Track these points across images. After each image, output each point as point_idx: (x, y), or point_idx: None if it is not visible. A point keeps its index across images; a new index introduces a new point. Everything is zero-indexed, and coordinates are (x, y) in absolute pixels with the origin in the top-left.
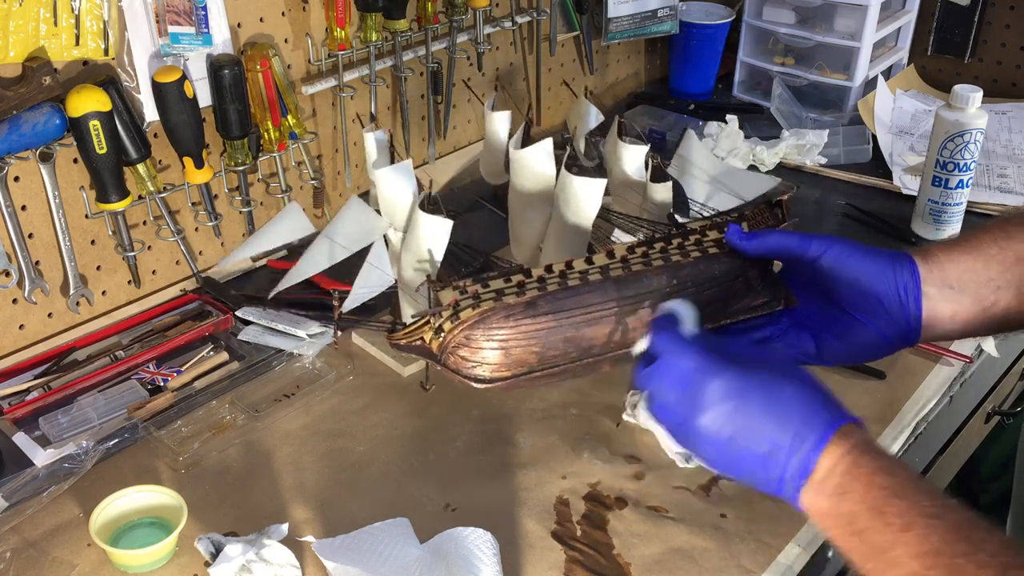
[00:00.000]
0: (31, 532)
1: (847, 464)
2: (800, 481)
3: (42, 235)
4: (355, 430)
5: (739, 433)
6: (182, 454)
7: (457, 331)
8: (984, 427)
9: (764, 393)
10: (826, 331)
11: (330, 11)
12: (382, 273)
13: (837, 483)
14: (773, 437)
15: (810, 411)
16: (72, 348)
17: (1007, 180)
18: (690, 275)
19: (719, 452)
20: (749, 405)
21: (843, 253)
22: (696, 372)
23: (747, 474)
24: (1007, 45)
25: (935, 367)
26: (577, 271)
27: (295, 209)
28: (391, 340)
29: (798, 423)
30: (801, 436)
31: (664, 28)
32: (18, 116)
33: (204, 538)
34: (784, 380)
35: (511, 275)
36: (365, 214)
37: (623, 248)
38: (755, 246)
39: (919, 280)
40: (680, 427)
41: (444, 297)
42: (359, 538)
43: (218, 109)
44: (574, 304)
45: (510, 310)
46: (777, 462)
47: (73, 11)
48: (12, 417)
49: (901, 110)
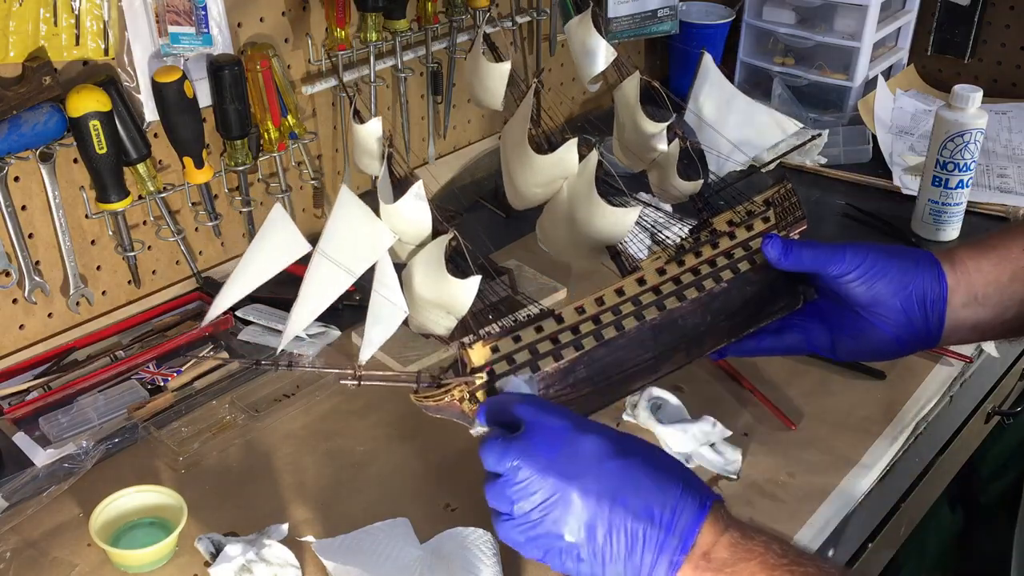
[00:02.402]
0: (31, 532)
1: (733, 536)
2: (680, 555)
3: (42, 235)
4: (355, 430)
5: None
6: (182, 454)
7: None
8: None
9: (642, 453)
10: (843, 329)
11: (330, 11)
12: (394, 307)
13: (723, 555)
14: (659, 499)
15: (687, 478)
16: (72, 348)
17: (1007, 180)
18: (723, 307)
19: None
20: (632, 461)
21: (872, 267)
22: (572, 430)
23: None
24: (1007, 45)
25: (935, 367)
26: (609, 308)
27: (281, 217)
28: (418, 399)
29: (679, 488)
30: (682, 504)
31: (664, 28)
32: (18, 116)
33: (204, 538)
34: (656, 449)
35: (541, 321)
36: (364, 218)
37: (653, 268)
38: (792, 263)
39: (946, 292)
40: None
41: (475, 356)
42: (359, 538)
43: (218, 109)
44: (612, 366)
45: (549, 379)
46: (656, 530)
47: (73, 11)
48: (12, 417)
49: (901, 110)
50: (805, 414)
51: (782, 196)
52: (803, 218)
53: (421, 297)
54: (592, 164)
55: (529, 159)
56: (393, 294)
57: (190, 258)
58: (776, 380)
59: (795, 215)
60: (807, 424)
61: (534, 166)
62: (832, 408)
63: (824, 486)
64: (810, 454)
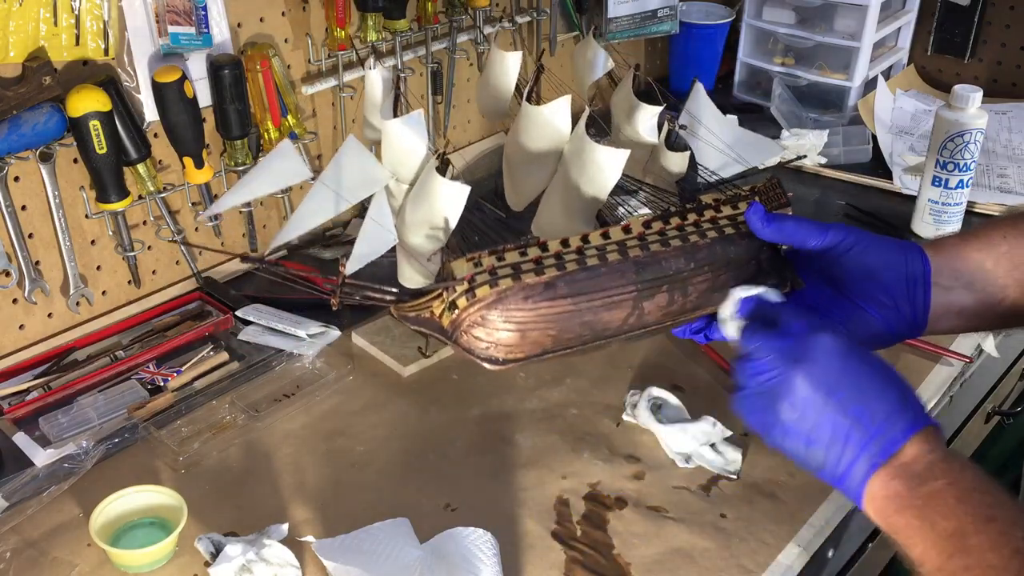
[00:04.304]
0: (31, 532)
1: (937, 456)
2: (880, 459)
3: (42, 235)
4: (355, 430)
5: (843, 390)
6: (182, 454)
7: (473, 310)
8: (984, 427)
9: (872, 364)
10: (831, 316)
11: (330, 11)
12: (385, 232)
13: (921, 469)
14: (873, 405)
15: (908, 397)
16: (72, 348)
17: (1007, 180)
18: (707, 258)
19: (808, 408)
20: (860, 367)
21: (856, 244)
22: (814, 326)
23: (823, 437)
24: (1007, 45)
25: (935, 367)
26: (594, 246)
27: (288, 148)
28: (398, 311)
29: (897, 402)
30: (896, 416)
31: (664, 28)
32: (18, 116)
33: (204, 538)
34: (886, 364)
35: (527, 248)
36: (365, 160)
37: (639, 223)
38: (773, 231)
39: (929, 274)
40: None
41: (457, 269)
42: (359, 538)
43: (218, 109)
44: (593, 287)
45: (529, 290)
46: (863, 432)
47: (73, 11)
48: (12, 417)
49: (901, 110)
50: None
51: (767, 186)
52: (787, 204)
53: (411, 218)
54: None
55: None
56: (385, 221)
57: (190, 258)
58: None
59: (779, 201)
60: None
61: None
62: None
63: (824, 486)
64: None
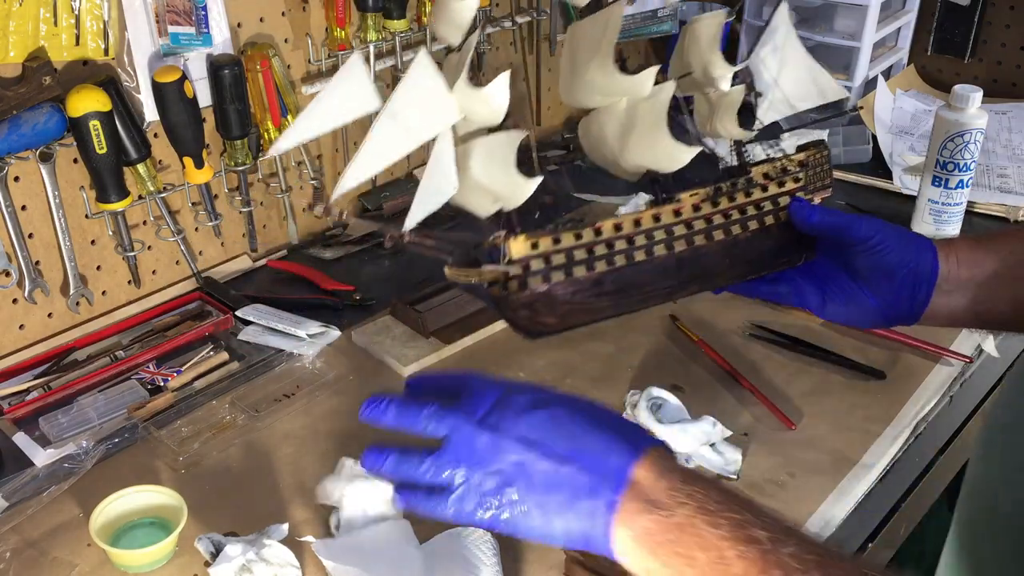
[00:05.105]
0: (31, 532)
1: (675, 479)
2: (614, 496)
3: (42, 235)
4: (355, 430)
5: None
6: (182, 454)
7: (524, 294)
8: None
9: (575, 403)
10: (834, 292)
11: (330, 11)
12: (446, 181)
13: (664, 498)
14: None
15: (622, 428)
16: (72, 348)
17: (1007, 180)
18: (743, 254)
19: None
20: (560, 412)
21: (881, 243)
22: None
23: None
24: (1007, 45)
25: (935, 367)
26: (643, 232)
27: (357, 65)
28: (452, 269)
29: (608, 436)
30: (609, 450)
31: (664, 28)
32: (18, 116)
33: (204, 538)
34: (590, 402)
35: (580, 231)
36: (435, 88)
37: (690, 204)
38: (816, 225)
39: (936, 276)
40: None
41: (515, 248)
42: (359, 538)
43: (218, 109)
44: (635, 288)
45: (578, 285)
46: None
47: (73, 11)
48: (12, 417)
49: (901, 110)
50: (805, 414)
51: (817, 160)
52: (830, 186)
53: (476, 180)
54: (667, 92)
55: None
56: (450, 171)
57: (190, 258)
58: (776, 380)
59: (823, 181)
60: (807, 424)
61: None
62: (832, 408)
63: (824, 486)
64: (810, 454)
